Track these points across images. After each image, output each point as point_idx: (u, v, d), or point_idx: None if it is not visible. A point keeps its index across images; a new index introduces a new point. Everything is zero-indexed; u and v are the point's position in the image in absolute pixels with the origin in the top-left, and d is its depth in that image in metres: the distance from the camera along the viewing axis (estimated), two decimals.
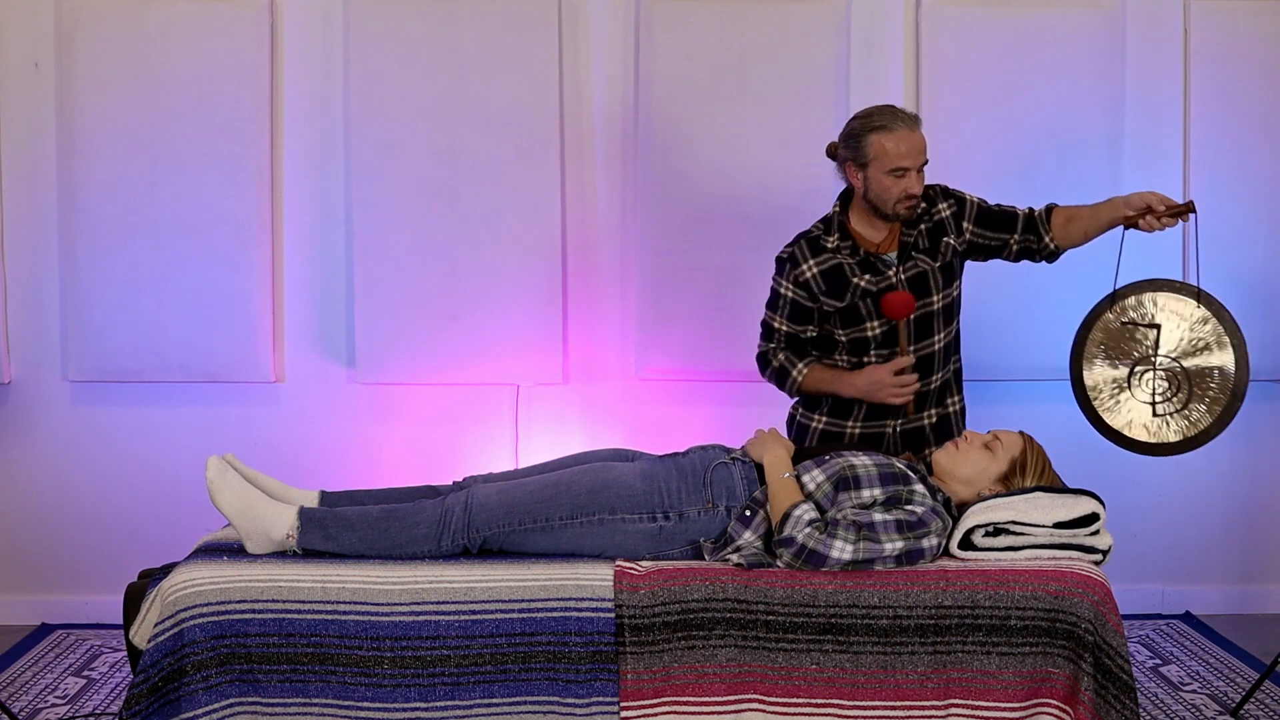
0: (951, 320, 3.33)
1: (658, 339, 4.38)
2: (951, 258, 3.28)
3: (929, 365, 3.30)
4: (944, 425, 3.37)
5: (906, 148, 3.14)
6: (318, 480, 3.72)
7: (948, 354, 3.34)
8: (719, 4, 4.32)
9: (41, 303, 4.40)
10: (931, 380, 3.32)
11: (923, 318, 3.27)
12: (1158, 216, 3.08)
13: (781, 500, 2.75)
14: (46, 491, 4.44)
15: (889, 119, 3.17)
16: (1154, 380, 3.14)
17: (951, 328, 3.34)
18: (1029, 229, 3.26)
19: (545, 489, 2.84)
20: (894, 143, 3.14)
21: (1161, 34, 4.43)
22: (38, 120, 4.34)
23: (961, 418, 3.43)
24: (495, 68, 4.30)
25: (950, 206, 3.28)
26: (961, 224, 3.27)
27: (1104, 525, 2.84)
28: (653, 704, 2.68)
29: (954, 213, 3.28)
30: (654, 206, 4.35)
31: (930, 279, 3.26)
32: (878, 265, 3.26)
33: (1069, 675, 2.67)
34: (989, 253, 3.32)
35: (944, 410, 3.37)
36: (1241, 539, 4.60)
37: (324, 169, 4.40)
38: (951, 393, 3.39)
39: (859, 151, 3.19)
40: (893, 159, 3.14)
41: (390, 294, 4.33)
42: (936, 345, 3.30)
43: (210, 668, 2.65)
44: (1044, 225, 3.25)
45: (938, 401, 3.35)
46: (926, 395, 3.33)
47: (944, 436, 3.32)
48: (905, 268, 3.25)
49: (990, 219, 3.28)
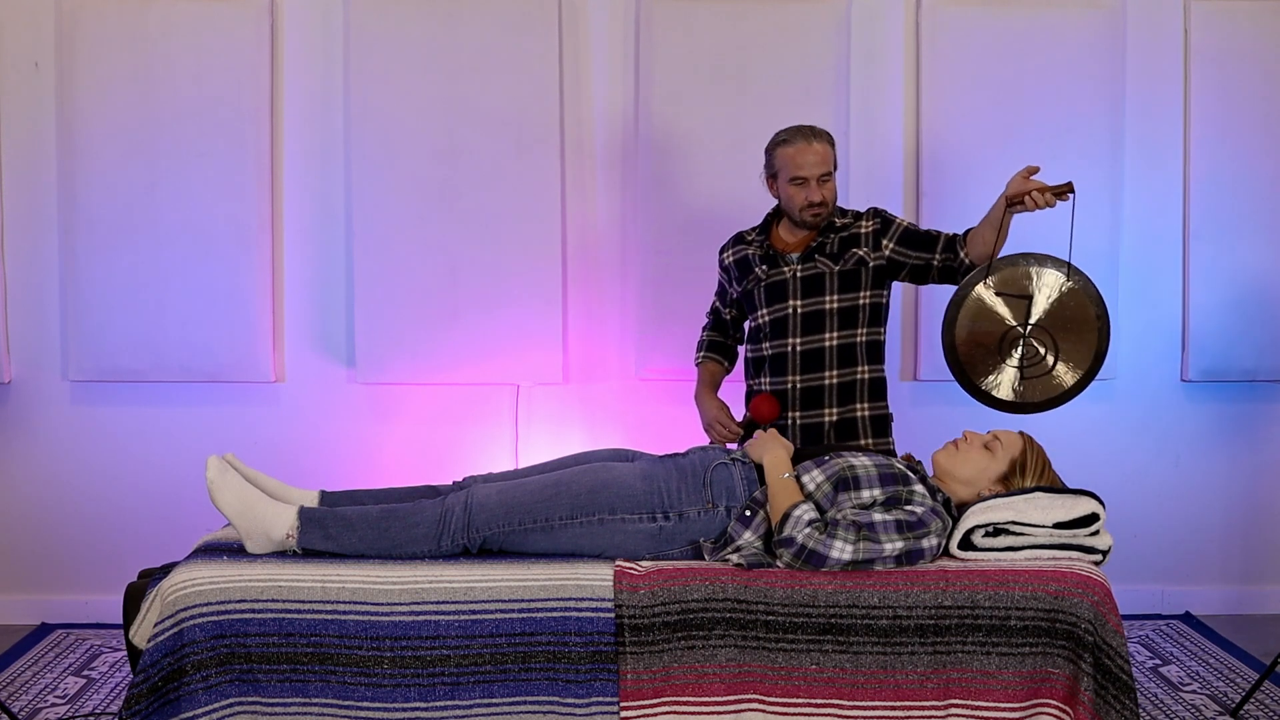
0: (853, 325, 3.50)
1: (658, 339, 4.39)
2: (856, 267, 3.49)
3: (819, 360, 3.50)
4: (847, 427, 3.52)
5: (804, 159, 3.45)
6: (318, 480, 3.73)
7: (845, 355, 3.50)
8: (719, 4, 4.32)
9: (41, 303, 4.40)
10: (822, 376, 3.50)
11: (813, 314, 3.50)
12: (1041, 192, 3.20)
13: (781, 500, 2.75)
14: (46, 491, 4.44)
15: (792, 134, 3.49)
16: (1023, 347, 3.33)
17: (853, 332, 3.51)
18: (948, 248, 3.46)
19: (545, 489, 2.84)
20: (793, 154, 3.46)
21: (1161, 34, 4.44)
22: (38, 120, 4.34)
23: (872, 425, 3.53)
24: (495, 68, 4.30)
25: (874, 225, 3.52)
26: (881, 241, 3.50)
27: (1104, 525, 2.84)
28: (652, 704, 2.68)
29: (875, 230, 3.51)
30: (654, 206, 4.36)
31: (826, 280, 3.49)
32: (779, 260, 3.55)
33: (1069, 675, 2.67)
34: (915, 273, 3.52)
35: (849, 413, 3.51)
36: (1241, 539, 4.60)
37: (324, 169, 4.40)
38: (860, 398, 3.52)
39: (770, 164, 3.55)
40: (792, 169, 3.46)
41: (390, 294, 4.33)
42: (827, 342, 3.49)
43: (210, 667, 2.65)
44: (961, 243, 3.45)
45: (839, 401, 3.50)
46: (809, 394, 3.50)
47: (845, 436, 3.51)
48: (804, 267, 3.51)
49: (913, 239, 3.50)
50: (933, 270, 3.50)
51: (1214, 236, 4.43)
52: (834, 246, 3.50)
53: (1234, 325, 4.43)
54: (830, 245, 3.51)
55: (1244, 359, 4.45)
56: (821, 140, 3.47)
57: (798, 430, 3.52)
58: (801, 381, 3.51)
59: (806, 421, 3.52)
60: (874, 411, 3.54)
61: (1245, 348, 4.44)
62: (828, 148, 3.48)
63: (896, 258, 3.50)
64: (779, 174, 3.51)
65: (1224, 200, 4.42)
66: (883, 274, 3.53)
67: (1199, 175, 4.43)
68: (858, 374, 3.52)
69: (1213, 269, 4.45)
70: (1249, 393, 4.53)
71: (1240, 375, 4.47)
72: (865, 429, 3.52)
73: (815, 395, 3.50)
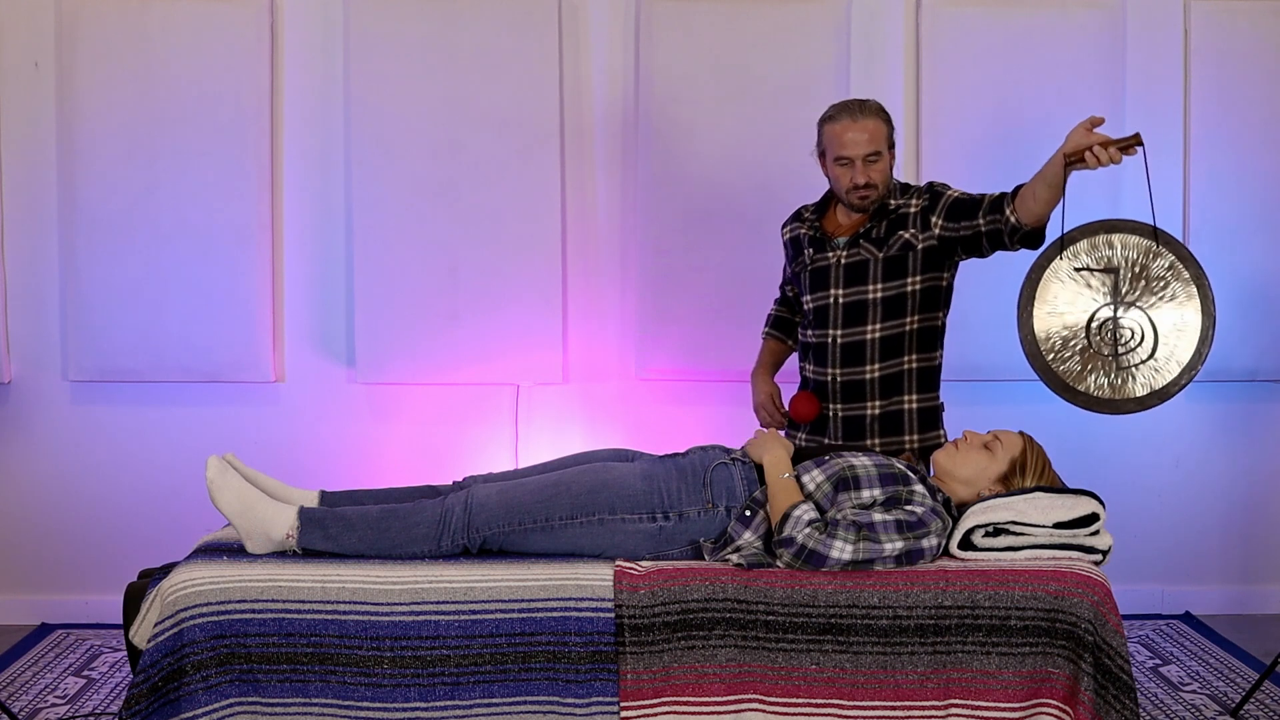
0: (900, 314, 3.27)
1: (658, 339, 4.39)
2: (903, 251, 3.24)
3: (859, 354, 3.29)
4: (892, 420, 3.32)
5: (848, 137, 3.20)
6: (318, 480, 3.73)
7: (890, 347, 3.28)
8: (719, 4, 4.32)
9: (41, 303, 4.40)
10: (862, 370, 3.30)
11: (855, 304, 3.28)
12: (1104, 147, 2.89)
13: (781, 500, 2.75)
14: (46, 491, 4.44)
15: (838, 110, 3.26)
16: (1115, 329, 2.88)
17: (901, 322, 3.28)
18: (993, 209, 3.14)
19: (545, 489, 2.84)
20: (839, 131, 3.22)
21: (1161, 34, 4.44)
22: (38, 120, 4.34)
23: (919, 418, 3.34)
24: (495, 67, 4.30)
25: (923, 201, 3.25)
26: (930, 219, 3.23)
27: (1104, 525, 2.84)
28: (652, 704, 2.68)
29: (924, 207, 3.24)
30: (654, 206, 4.35)
31: (870, 268, 3.26)
32: (825, 245, 3.34)
33: (1069, 675, 2.67)
34: (968, 246, 3.22)
35: (894, 405, 3.31)
36: (1241, 539, 4.60)
37: (324, 169, 4.40)
38: (909, 389, 3.32)
39: (819, 142, 3.32)
40: (837, 148, 3.23)
41: (390, 294, 4.33)
42: (869, 335, 3.28)
43: (210, 667, 2.65)
44: (1009, 202, 3.12)
45: (882, 394, 3.31)
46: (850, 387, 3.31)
47: (889, 430, 3.31)
48: (849, 253, 3.29)
49: (959, 209, 3.20)
50: (982, 239, 3.16)
51: (1214, 236, 4.43)
52: (881, 231, 3.24)
53: (1234, 325, 4.42)
54: (878, 230, 3.25)
55: (1244, 359, 4.45)
56: (871, 116, 3.21)
57: (839, 423, 3.34)
58: (842, 375, 3.31)
59: (848, 414, 3.33)
60: (923, 403, 3.32)
61: (1245, 348, 4.44)
62: (879, 124, 3.22)
63: (947, 234, 3.20)
64: (827, 152, 3.27)
65: (1224, 200, 4.42)
66: (936, 255, 3.24)
67: (1199, 175, 4.43)
68: (905, 364, 3.30)
69: (1213, 269, 4.40)
70: (1249, 393, 4.53)
71: (1240, 375, 4.47)
72: (912, 422, 3.31)
73: (856, 389, 3.30)
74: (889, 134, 3.26)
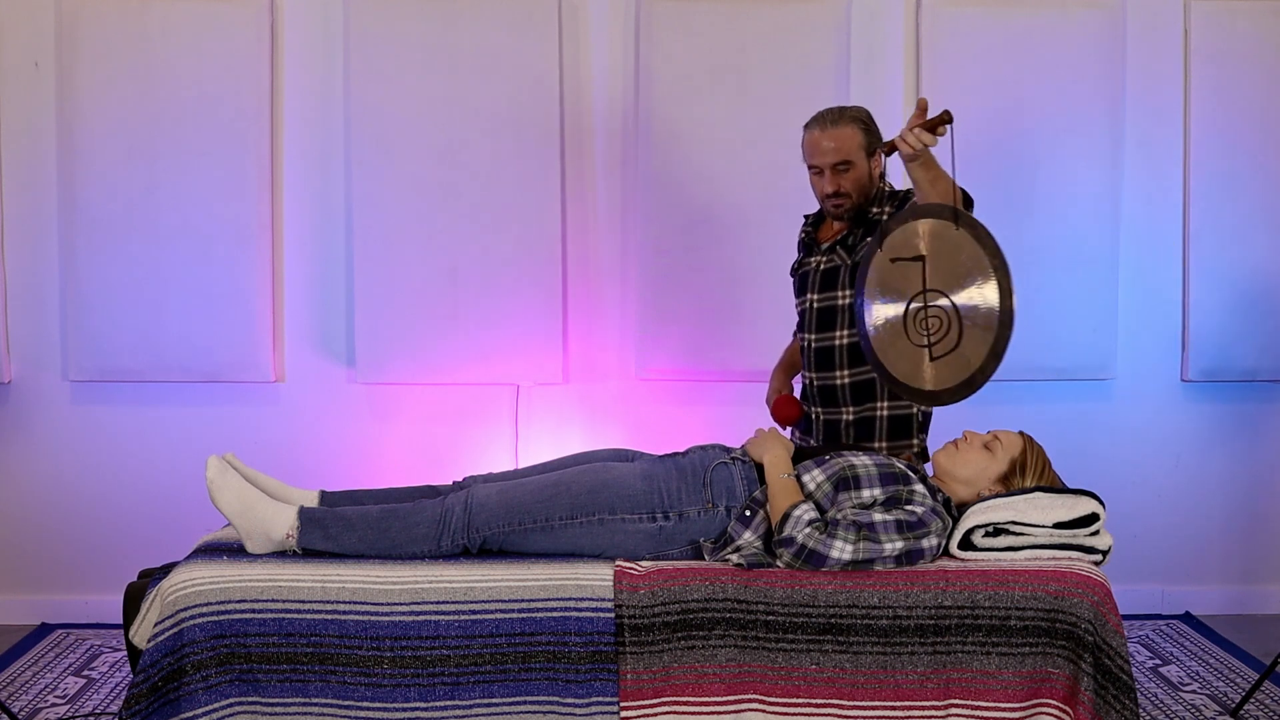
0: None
1: (658, 339, 4.39)
2: None
3: (830, 359, 3.30)
4: (865, 426, 3.30)
5: (817, 146, 3.21)
6: (318, 480, 3.73)
7: (858, 353, 3.23)
8: (719, 4, 4.32)
9: (41, 303, 4.40)
10: (833, 376, 3.30)
11: (827, 310, 3.29)
12: (911, 129, 2.82)
13: (781, 500, 2.75)
14: (46, 491, 4.44)
15: (814, 118, 3.25)
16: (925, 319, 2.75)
17: None
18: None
19: (545, 489, 2.84)
20: (808, 141, 3.24)
21: (1161, 34, 4.44)
22: (38, 120, 4.35)
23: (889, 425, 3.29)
24: (495, 67, 4.30)
25: (892, 208, 3.21)
26: None
27: (1104, 525, 2.84)
28: (652, 704, 2.68)
29: (890, 215, 3.18)
30: (654, 206, 4.35)
31: (840, 274, 3.26)
32: (812, 250, 3.37)
33: (1069, 675, 2.67)
34: None
35: (867, 412, 3.29)
36: (1241, 539, 4.60)
37: (324, 169, 4.40)
38: (880, 396, 3.28)
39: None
40: (806, 157, 3.25)
41: (390, 294, 4.33)
42: (837, 340, 3.28)
43: (210, 667, 2.65)
44: None
45: (854, 400, 3.29)
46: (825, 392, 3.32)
47: (862, 436, 3.29)
48: (826, 259, 3.30)
49: None
50: None
51: (1214, 236, 4.43)
52: (857, 238, 3.24)
53: (1234, 325, 4.43)
54: (854, 237, 3.25)
55: (1244, 359, 4.45)
56: (846, 125, 3.18)
57: (820, 426, 3.37)
58: (817, 379, 3.34)
59: (828, 418, 3.35)
60: (894, 410, 3.28)
61: (1245, 347, 4.44)
62: (854, 132, 3.18)
63: None
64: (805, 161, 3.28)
65: (1224, 200, 4.42)
66: None
67: (1199, 175, 4.44)
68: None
69: (1213, 269, 4.45)
70: (1249, 393, 4.54)
71: (1240, 375, 4.48)
72: (883, 430, 3.29)
73: (830, 394, 3.32)
74: (866, 142, 3.21)
